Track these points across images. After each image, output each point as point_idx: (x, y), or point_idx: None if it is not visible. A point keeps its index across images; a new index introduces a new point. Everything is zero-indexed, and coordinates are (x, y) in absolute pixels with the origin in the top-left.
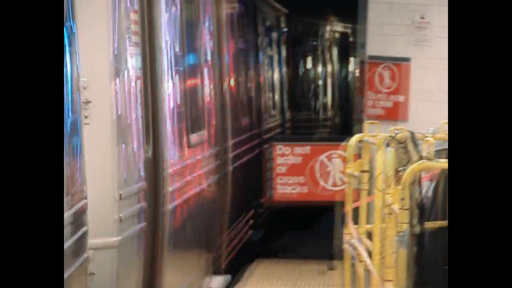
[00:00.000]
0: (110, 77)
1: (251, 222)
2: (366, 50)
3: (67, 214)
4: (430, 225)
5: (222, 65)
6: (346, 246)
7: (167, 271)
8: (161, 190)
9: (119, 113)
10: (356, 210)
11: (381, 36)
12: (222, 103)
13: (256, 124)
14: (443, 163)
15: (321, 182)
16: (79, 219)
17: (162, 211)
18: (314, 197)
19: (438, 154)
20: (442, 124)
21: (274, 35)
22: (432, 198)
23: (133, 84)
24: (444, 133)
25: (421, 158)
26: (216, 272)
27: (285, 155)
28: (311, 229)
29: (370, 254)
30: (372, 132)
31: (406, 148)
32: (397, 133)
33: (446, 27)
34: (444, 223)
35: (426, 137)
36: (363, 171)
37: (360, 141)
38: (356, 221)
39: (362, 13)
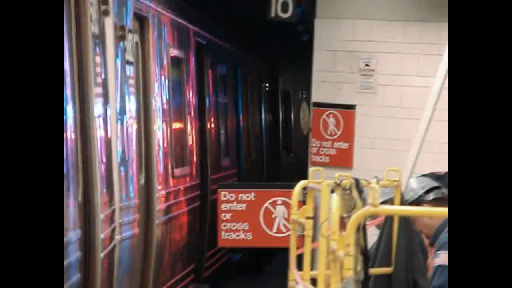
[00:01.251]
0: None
1: None
2: (311, 97)
3: (106, 213)
4: (374, 271)
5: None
6: None
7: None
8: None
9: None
10: (300, 257)
11: (326, 83)
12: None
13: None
14: (388, 209)
15: (266, 229)
16: (111, 218)
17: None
18: (258, 243)
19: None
20: (386, 171)
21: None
22: (376, 244)
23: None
24: (388, 180)
25: (365, 204)
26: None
27: (229, 201)
28: (256, 274)
29: None
30: (317, 179)
31: (350, 195)
32: (342, 180)
33: (391, 75)
34: (388, 269)
35: (371, 183)
36: (307, 218)
37: (305, 187)
38: (300, 267)
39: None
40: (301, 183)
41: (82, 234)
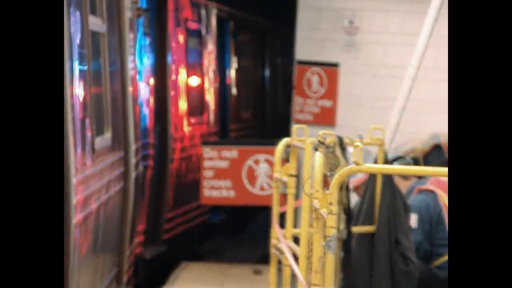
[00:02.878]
0: None
1: None
2: (294, 54)
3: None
4: (357, 230)
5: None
6: (272, 251)
7: None
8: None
9: None
10: (283, 215)
11: (309, 41)
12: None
13: None
14: (371, 168)
15: (248, 186)
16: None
17: None
18: (241, 201)
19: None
20: (370, 129)
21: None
22: (359, 203)
23: None
24: (372, 138)
25: (348, 163)
26: None
27: (212, 159)
28: (239, 232)
29: (296, 258)
30: (300, 137)
31: (334, 153)
32: (325, 138)
33: (375, 33)
34: (370, 228)
35: (354, 142)
36: (290, 176)
37: (288, 145)
38: (282, 225)
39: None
40: (284, 141)
41: (123, 156)
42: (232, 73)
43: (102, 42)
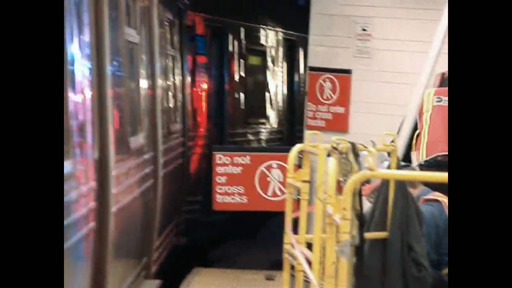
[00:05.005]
0: None
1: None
2: (307, 61)
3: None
4: (369, 235)
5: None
6: (285, 256)
7: None
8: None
9: None
10: (295, 220)
11: (322, 47)
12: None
13: None
14: (384, 173)
15: (261, 192)
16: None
17: None
18: (254, 207)
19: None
20: (382, 135)
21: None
22: (372, 209)
23: None
24: (384, 144)
25: (361, 168)
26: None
27: (225, 164)
28: (252, 238)
29: (310, 264)
30: (313, 143)
31: (347, 159)
32: (338, 143)
33: (387, 40)
34: (383, 234)
35: (367, 148)
36: (303, 181)
37: (301, 151)
38: (296, 231)
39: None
40: (297, 147)
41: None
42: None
43: (136, 50)
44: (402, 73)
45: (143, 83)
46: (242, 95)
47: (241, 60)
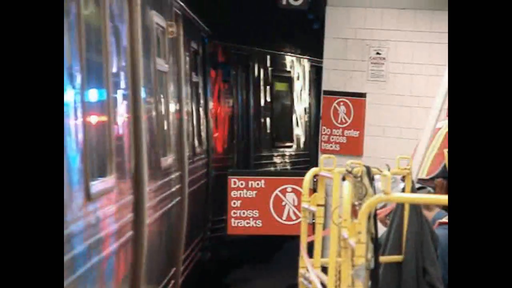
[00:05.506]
0: None
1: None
2: (322, 85)
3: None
4: (384, 259)
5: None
6: (300, 280)
7: None
8: None
9: None
10: (310, 244)
11: (336, 71)
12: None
13: None
14: (399, 197)
15: (275, 216)
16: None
17: None
18: (268, 231)
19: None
20: (397, 159)
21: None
22: (386, 232)
23: None
24: (399, 168)
25: (376, 192)
26: None
27: (239, 189)
28: (267, 262)
29: (325, 287)
30: (328, 167)
31: (362, 182)
32: (353, 167)
33: (401, 63)
34: (398, 257)
35: (382, 171)
36: (318, 205)
37: (316, 175)
38: (311, 255)
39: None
40: (312, 171)
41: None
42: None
43: (165, 78)
44: (416, 96)
45: (171, 108)
46: (268, 120)
47: (267, 86)
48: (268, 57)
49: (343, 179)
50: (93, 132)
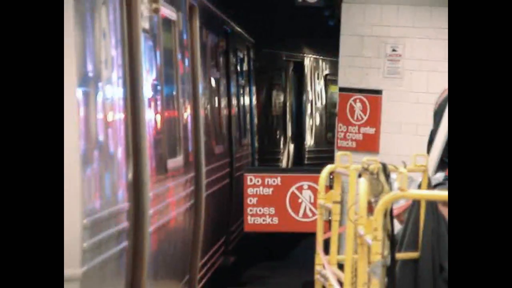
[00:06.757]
0: None
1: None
2: (338, 82)
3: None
4: (400, 256)
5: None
6: (317, 277)
7: None
8: None
9: None
10: (326, 241)
11: (352, 68)
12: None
13: None
14: (416, 193)
15: (292, 213)
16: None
17: None
18: (284, 228)
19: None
20: (413, 156)
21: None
22: (403, 229)
23: None
24: (415, 165)
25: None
26: None
27: (256, 186)
28: (283, 259)
29: (341, 285)
30: (344, 163)
31: (378, 179)
32: (369, 164)
33: (417, 60)
34: (414, 254)
35: (398, 169)
36: (335, 202)
37: (332, 172)
38: (327, 252)
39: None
40: (328, 168)
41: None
42: None
43: (217, 83)
44: (432, 93)
45: (223, 106)
46: (324, 118)
47: (321, 88)
48: (321, 62)
49: (359, 176)
50: (168, 123)
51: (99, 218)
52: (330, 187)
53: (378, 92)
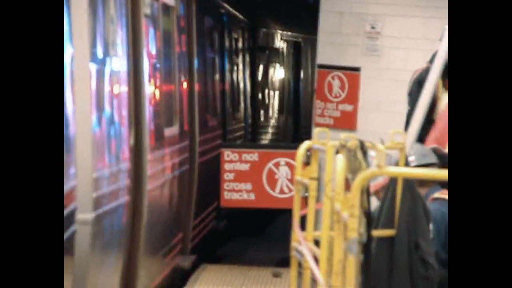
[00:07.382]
0: None
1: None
2: (316, 58)
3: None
4: (377, 233)
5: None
6: (293, 253)
7: None
8: None
9: None
10: (303, 218)
11: (331, 45)
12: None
13: None
14: (393, 171)
15: (268, 189)
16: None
17: None
18: (261, 204)
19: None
20: (391, 133)
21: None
22: (379, 207)
23: None
24: (393, 142)
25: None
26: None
27: (233, 161)
28: (258, 235)
29: (317, 261)
30: (321, 140)
31: (355, 156)
32: (347, 141)
33: (396, 37)
34: (390, 232)
35: (375, 146)
36: (311, 178)
37: (309, 148)
38: (303, 228)
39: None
40: (305, 144)
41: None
42: None
43: (212, 61)
44: (411, 71)
45: (217, 82)
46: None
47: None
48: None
49: (337, 152)
50: (164, 96)
51: (106, 174)
52: (307, 163)
53: (357, 69)
